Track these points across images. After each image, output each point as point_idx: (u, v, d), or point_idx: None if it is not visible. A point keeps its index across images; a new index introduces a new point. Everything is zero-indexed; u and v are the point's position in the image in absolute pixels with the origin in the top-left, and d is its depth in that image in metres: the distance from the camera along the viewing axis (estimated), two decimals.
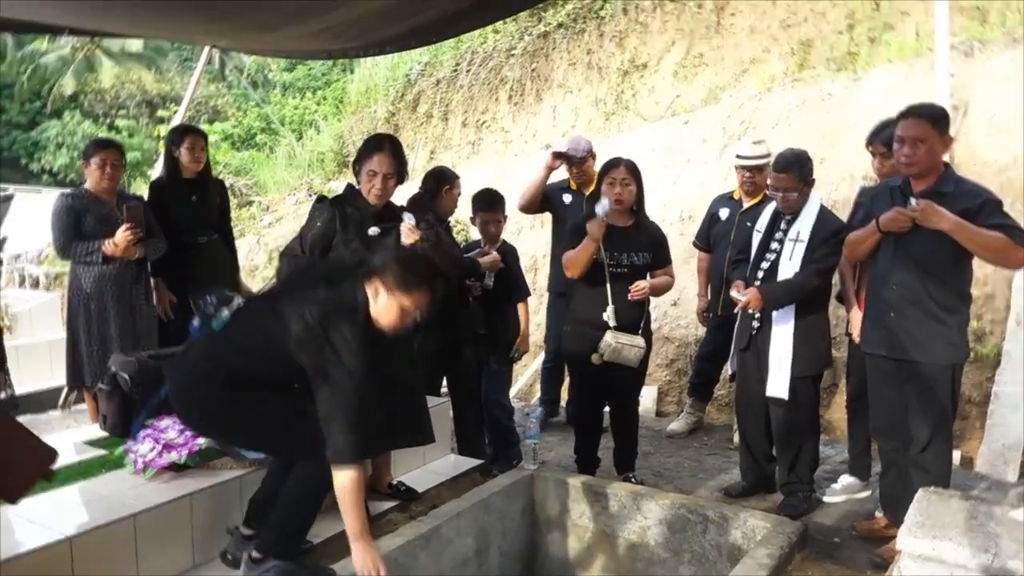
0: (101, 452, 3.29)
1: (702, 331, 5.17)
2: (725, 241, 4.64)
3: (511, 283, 4.34)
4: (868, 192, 3.80)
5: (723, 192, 4.90)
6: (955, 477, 3.73)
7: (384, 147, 3.30)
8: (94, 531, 2.57)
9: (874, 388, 3.41)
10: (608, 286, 3.83)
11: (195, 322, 2.73)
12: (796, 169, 3.63)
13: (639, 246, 3.89)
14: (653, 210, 5.07)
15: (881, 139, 3.62)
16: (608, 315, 3.81)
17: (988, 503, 2.81)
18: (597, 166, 4.94)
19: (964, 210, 3.03)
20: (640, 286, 3.82)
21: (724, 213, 4.71)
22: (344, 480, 2.47)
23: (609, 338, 3.79)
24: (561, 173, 5.02)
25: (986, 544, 2.48)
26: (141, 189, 13.30)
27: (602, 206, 3.74)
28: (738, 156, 4.59)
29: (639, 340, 3.86)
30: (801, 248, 3.61)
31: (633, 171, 3.85)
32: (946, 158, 3.33)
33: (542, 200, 4.87)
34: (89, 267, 4.06)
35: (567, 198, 4.85)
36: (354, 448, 2.47)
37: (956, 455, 4.38)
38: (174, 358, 2.81)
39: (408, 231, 3.31)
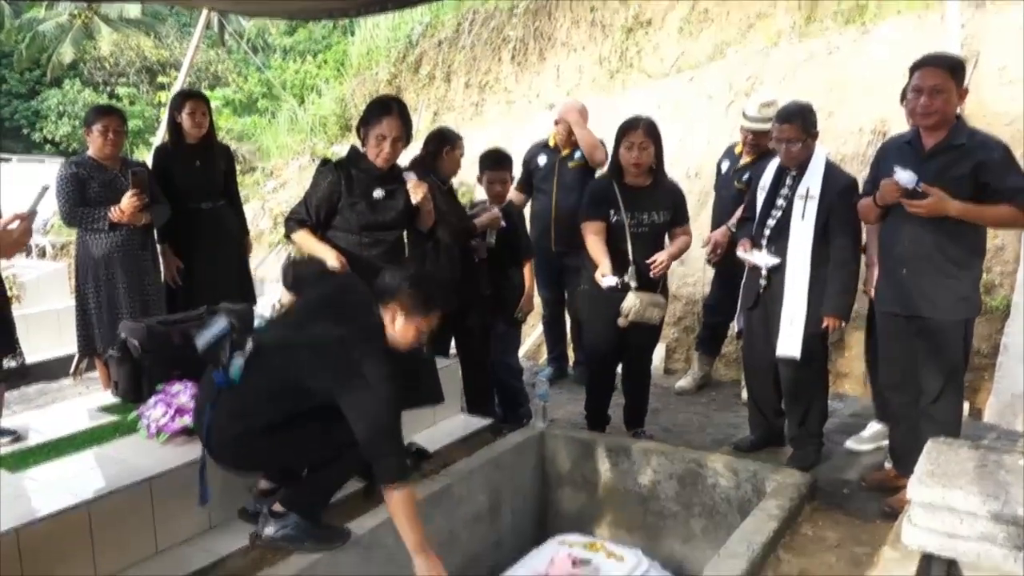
0: (114, 418, 3.31)
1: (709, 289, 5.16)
2: (719, 194, 4.71)
3: (515, 243, 4.33)
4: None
5: (731, 144, 4.86)
6: (964, 428, 3.72)
7: (392, 110, 3.27)
8: (111, 495, 2.60)
9: (885, 344, 3.40)
10: (629, 246, 3.81)
11: (217, 373, 2.66)
12: (799, 120, 3.58)
13: (659, 205, 3.87)
14: None
15: None
16: (630, 276, 3.78)
17: (998, 452, 2.82)
18: (593, 124, 4.94)
19: (980, 163, 3.00)
20: (659, 260, 3.80)
21: (724, 166, 4.73)
22: (397, 499, 2.50)
23: (632, 299, 3.76)
24: (544, 131, 5.02)
25: (996, 492, 2.49)
26: (144, 157, 13.28)
27: (608, 281, 3.74)
28: (744, 115, 4.55)
29: (660, 299, 3.86)
30: (813, 205, 3.55)
31: (651, 132, 3.79)
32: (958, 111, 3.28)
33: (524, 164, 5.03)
34: (95, 234, 4.06)
35: (542, 159, 4.88)
36: (401, 468, 2.55)
37: (965, 406, 4.38)
38: (203, 410, 2.72)
39: (414, 187, 3.30)
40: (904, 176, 3.32)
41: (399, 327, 2.60)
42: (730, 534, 3.17)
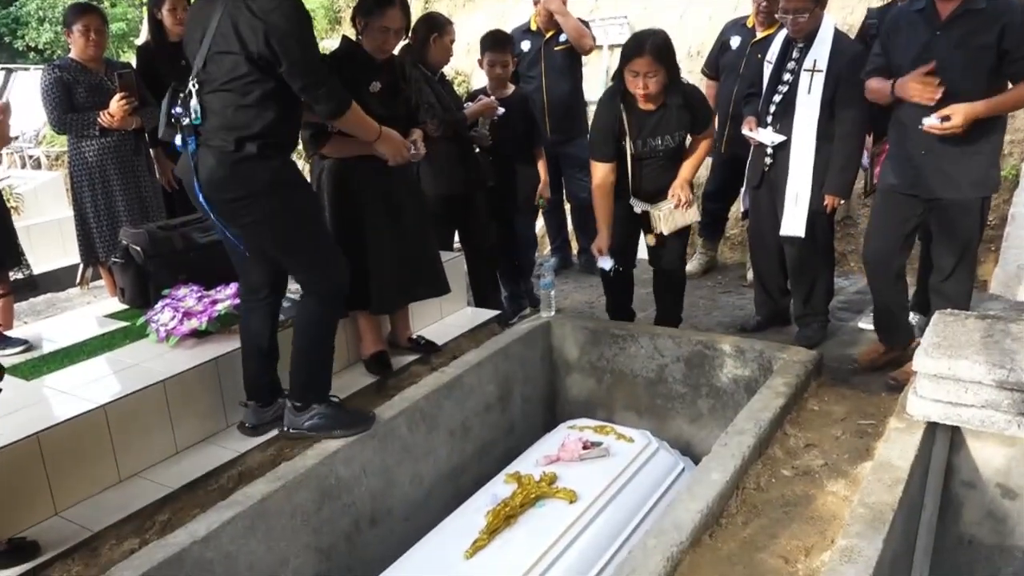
0: (123, 324, 3.33)
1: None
2: (735, 73, 4.45)
3: (524, 132, 4.26)
4: (879, 15, 3.60)
5: (736, 18, 4.66)
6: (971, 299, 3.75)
7: (395, 1, 3.14)
8: (127, 398, 2.63)
9: (882, 221, 3.32)
10: (640, 176, 3.58)
11: (178, 139, 2.59)
12: None
13: (670, 128, 3.52)
14: None
15: None
16: (637, 205, 3.61)
17: (1005, 321, 2.83)
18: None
19: (1005, 26, 2.85)
20: (680, 198, 3.54)
21: (735, 42, 4.50)
22: (351, 118, 2.68)
23: (663, 211, 3.55)
24: (525, 15, 4.84)
25: (1002, 360, 2.51)
26: (127, 58, 12.93)
27: (604, 263, 3.62)
28: None
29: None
30: (820, 79, 3.43)
31: (660, 56, 3.32)
32: None
33: None
34: (87, 141, 3.98)
35: (525, 45, 4.68)
36: (344, 94, 2.61)
37: None
38: (187, 170, 2.60)
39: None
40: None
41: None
42: (737, 413, 3.23)
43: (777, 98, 3.65)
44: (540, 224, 6.02)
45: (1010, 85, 2.96)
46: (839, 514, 2.36)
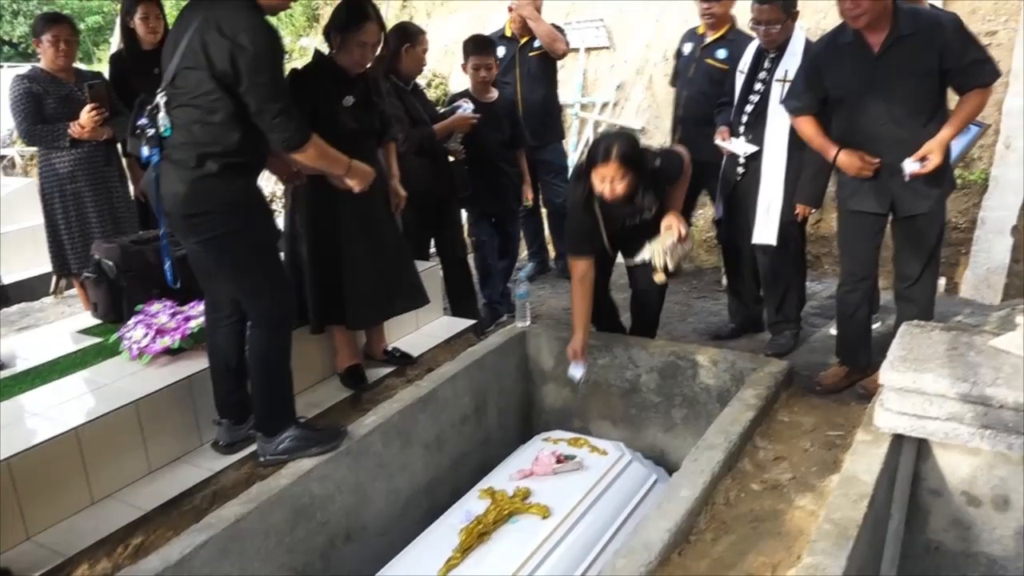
0: (96, 340, 3.32)
1: None
2: (684, 77, 4.47)
3: (510, 135, 4.32)
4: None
5: (692, 27, 4.67)
6: (940, 304, 3.78)
7: (372, 15, 3.13)
8: (99, 420, 2.63)
9: (853, 243, 3.31)
10: (620, 256, 3.56)
11: (144, 150, 2.58)
12: (778, 0, 3.46)
13: (643, 209, 3.35)
14: (635, 51, 4.89)
15: None
16: (637, 259, 3.51)
17: (969, 333, 2.88)
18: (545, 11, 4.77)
19: (943, 48, 2.86)
20: (677, 239, 3.33)
21: (687, 48, 4.49)
22: (311, 152, 2.60)
23: (659, 248, 3.36)
24: (504, 19, 4.90)
25: (965, 374, 2.56)
26: (104, 55, 12.76)
27: (575, 371, 3.48)
28: None
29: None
30: None
31: (628, 162, 3.17)
32: None
33: None
34: (58, 152, 3.94)
35: (500, 50, 4.61)
36: (300, 125, 2.54)
37: (941, 282, 4.44)
38: (150, 182, 2.62)
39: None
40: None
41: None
42: (710, 422, 3.26)
43: (749, 108, 3.69)
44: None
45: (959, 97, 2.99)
46: (806, 529, 2.40)
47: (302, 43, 10.31)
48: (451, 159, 4.02)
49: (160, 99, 2.55)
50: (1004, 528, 2.64)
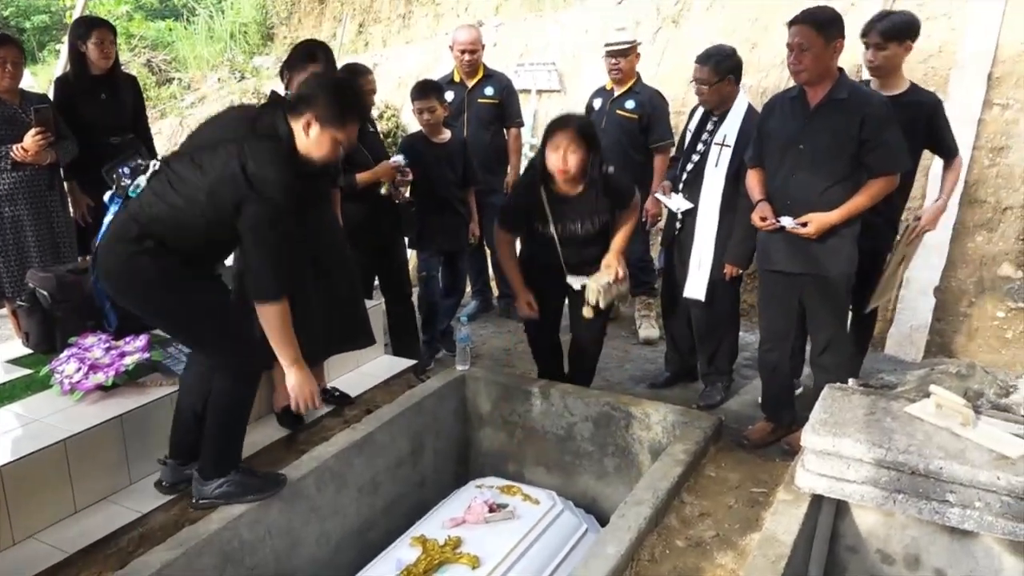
0: (27, 372, 3.25)
1: None
2: (598, 129, 4.60)
3: (462, 175, 4.39)
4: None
5: (601, 85, 4.83)
6: (865, 360, 3.95)
7: (318, 58, 3.16)
8: (25, 459, 2.58)
9: (769, 302, 3.46)
10: (562, 262, 3.52)
11: (107, 196, 2.60)
12: (711, 63, 3.59)
13: (589, 213, 3.44)
14: (584, 95, 4.98)
15: (878, 30, 3.34)
16: (573, 282, 3.56)
17: (887, 398, 3.01)
18: (489, 57, 4.86)
19: (864, 118, 3.04)
20: (617, 275, 3.44)
21: (597, 103, 4.69)
22: (272, 316, 2.53)
23: (593, 286, 3.43)
24: (448, 66, 4.98)
25: (880, 439, 2.67)
26: (51, 60, 12.48)
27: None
28: (605, 45, 4.53)
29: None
30: (728, 154, 3.61)
31: (583, 133, 3.27)
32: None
33: None
34: None
35: (449, 95, 4.66)
36: (279, 284, 2.52)
37: None
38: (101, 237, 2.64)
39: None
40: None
41: (313, 137, 2.52)
42: (641, 472, 3.35)
43: (690, 167, 3.82)
44: None
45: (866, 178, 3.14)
46: None
47: (255, 62, 10.27)
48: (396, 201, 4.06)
49: (153, 165, 2.56)
50: None
